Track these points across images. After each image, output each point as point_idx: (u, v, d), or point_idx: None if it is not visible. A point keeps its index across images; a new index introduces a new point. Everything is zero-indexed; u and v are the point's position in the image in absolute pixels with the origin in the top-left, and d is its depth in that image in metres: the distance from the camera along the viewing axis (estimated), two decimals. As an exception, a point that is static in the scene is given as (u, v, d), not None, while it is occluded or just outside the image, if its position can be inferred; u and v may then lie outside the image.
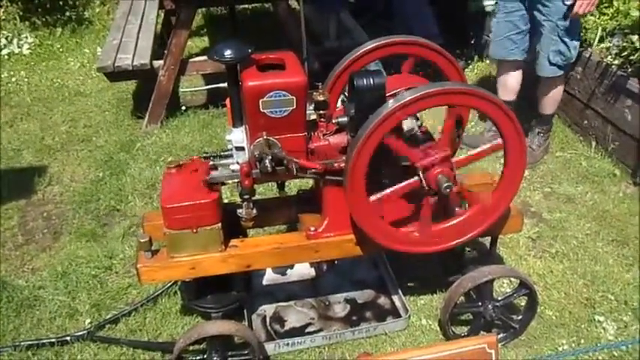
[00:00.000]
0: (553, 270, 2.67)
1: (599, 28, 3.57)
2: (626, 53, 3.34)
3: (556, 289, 2.57)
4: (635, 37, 3.29)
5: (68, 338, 2.30)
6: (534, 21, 3.25)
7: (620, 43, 3.43)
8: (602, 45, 3.56)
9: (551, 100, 3.43)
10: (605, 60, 3.46)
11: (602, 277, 2.62)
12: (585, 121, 3.66)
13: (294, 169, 1.91)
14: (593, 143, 3.57)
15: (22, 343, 2.29)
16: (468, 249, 2.42)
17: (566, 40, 3.15)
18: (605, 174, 3.35)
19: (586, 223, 2.98)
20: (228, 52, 1.79)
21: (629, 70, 3.30)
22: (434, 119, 2.16)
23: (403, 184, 1.91)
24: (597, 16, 3.65)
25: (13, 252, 2.88)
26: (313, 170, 1.94)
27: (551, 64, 3.25)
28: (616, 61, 3.40)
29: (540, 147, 3.50)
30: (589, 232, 2.91)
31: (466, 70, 4.64)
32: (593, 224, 2.97)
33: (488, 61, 4.77)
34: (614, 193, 3.20)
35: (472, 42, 4.97)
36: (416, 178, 1.90)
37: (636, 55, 3.26)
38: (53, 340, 2.30)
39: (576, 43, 3.21)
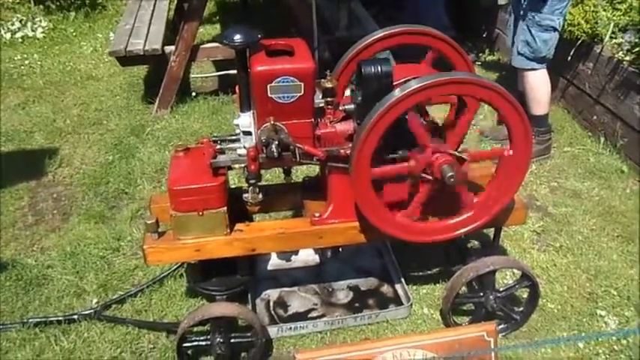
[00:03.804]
0: (557, 264, 2.68)
1: (612, 24, 3.54)
2: (638, 49, 3.31)
3: (559, 283, 2.58)
4: (647, 33, 3.28)
5: (75, 317, 2.34)
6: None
7: (632, 39, 3.41)
8: (614, 41, 3.53)
9: (532, 99, 3.34)
10: (616, 56, 3.44)
11: (605, 272, 2.62)
12: (594, 117, 3.65)
13: (300, 155, 1.93)
14: (602, 139, 3.55)
15: (30, 320, 2.33)
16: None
17: (534, 30, 3.15)
18: (612, 170, 3.34)
19: (591, 218, 2.97)
20: (237, 37, 1.81)
21: (641, 66, 3.28)
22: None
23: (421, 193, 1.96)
24: (610, 12, 3.63)
25: (23, 232, 2.92)
26: (319, 157, 1.95)
27: (519, 53, 3.25)
28: (627, 57, 3.38)
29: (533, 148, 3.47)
30: (594, 228, 2.91)
31: (477, 63, 4.63)
32: (599, 220, 2.96)
33: (499, 55, 4.76)
34: (620, 190, 3.19)
35: (484, 35, 4.95)
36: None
37: (648, 51, 3.25)
38: (60, 318, 2.34)
39: (546, 37, 3.16)
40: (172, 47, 3.92)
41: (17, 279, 2.58)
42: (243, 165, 2.01)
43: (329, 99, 1.98)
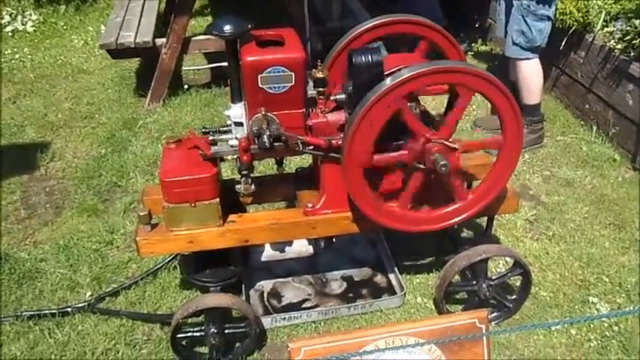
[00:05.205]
0: (549, 252, 2.69)
1: (603, 12, 3.55)
2: (629, 37, 3.31)
3: (551, 271, 2.59)
4: (638, 22, 3.27)
5: (69, 309, 2.34)
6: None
7: (623, 28, 3.41)
8: (606, 29, 3.54)
9: (525, 88, 3.35)
10: (608, 44, 3.45)
11: (597, 260, 2.64)
12: (587, 106, 3.66)
13: (292, 145, 1.92)
14: (594, 128, 3.57)
15: (24, 313, 2.33)
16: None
17: (529, 20, 3.15)
18: (605, 158, 3.36)
19: (584, 206, 2.99)
20: (227, 27, 1.80)
21: (632, 54, 3.28)
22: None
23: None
24: (601, 0, 3.63)
25: (15, 225, 2.92)
26: (311, 147, 1.95)
27: (513, 43, 3.25)
28: (619, 46, 3.38)
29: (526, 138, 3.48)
30: (587, 216, 2.93)
31: (469, 53, 4.63)
32: (591, 208, 2.98)
33: (492, 45, 4.76)
34: (613, 178, 3.21)
35: (476, 25, 4.95)
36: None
37: (639, 39, 3.25)
38: (54, 310, 2.34)
39: (541, 26, 3.17)
40: (163, 40, 3.90)
41: (10, 272, 2.57)
42: (235, 156, 2.01)
43: (320, 89, 1.97)
